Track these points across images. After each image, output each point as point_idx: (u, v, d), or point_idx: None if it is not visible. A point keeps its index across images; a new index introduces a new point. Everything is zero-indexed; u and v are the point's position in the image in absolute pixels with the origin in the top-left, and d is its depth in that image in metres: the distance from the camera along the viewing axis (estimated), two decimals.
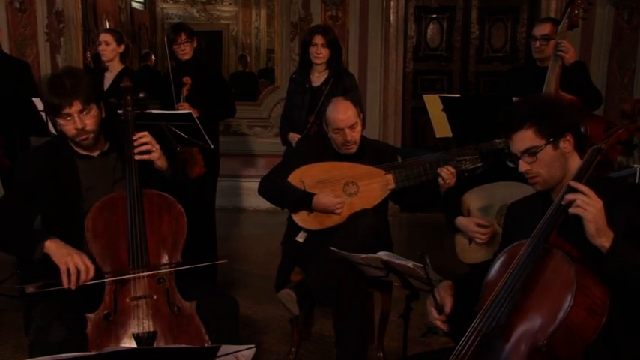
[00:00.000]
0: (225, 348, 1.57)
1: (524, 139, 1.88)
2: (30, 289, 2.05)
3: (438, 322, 1.97)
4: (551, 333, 1.62)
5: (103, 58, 4.30)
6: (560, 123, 1.87)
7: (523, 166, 1.90)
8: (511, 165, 1.96)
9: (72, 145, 2.33)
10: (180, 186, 2.43)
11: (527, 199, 2.07)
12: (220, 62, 8.56)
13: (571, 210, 1.72)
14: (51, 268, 2.09)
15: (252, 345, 1.63)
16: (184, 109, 3.80)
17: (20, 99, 3.71)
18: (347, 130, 2.89)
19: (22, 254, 2.20)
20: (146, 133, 2.30)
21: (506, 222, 2.12)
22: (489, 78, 6.16)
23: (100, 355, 1.49)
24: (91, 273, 2.07)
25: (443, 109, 3.47)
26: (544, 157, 1.86)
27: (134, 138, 2.28)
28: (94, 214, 2.20)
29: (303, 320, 3.15)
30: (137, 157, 2.26)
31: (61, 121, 2.24)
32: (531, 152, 1.87)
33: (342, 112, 2.89)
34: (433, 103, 3.53)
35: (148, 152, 2.28)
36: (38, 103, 3.65)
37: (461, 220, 2.70)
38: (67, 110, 2.20)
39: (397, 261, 2.28)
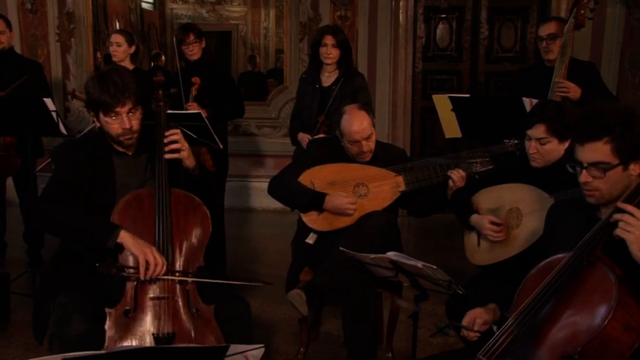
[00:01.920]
0: (234, 348, 1.58)
1: (598, 151, 1.77)
2: (114, 270, 2.09)
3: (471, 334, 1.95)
4: (586, 344, 1.59)
5: (114, 59, 4.33)
6: (639, 144, 1.76)
7: (585, 177, 1.80)
8: (570, 170, 1.88)
9: (110, 141, 2.34)
10: (206, 184, 2.45)
11: (570, 203, 2.02)
12: (229, 62, 8.58)
13: (615, 232, 1.68)
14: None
15: (262, 345, 1.64)
16: (193, 109, 3.82)
17: (32, 99, 3.75)
18: (363, 142, 2.90)
19: (95, 243, 2.14)
20: (177, 130, 2.32)
21: (547, 225, 2.09)
22: (499, 78, 6.14)
23: (109, 354, 1.50)
24: (164, 269, 2.10)
25: (452, 110, 3.47)
26: (611, 176, 1.77)
27: (166, 134, 2.30)
28: (121, 209, 2.20)
29: (312, 320, 3.16)
30: (167, 156, 2.28)
31: (107, 119, 2.25)
32: (601, 168, 1.77)
33: (357, 124, 2.89)
34: (442, 103, 3.53)
35: (178, 151, 2.30)
36: (49, 103, 3.68)
37: (475, 217, 2.70)
38: (117, 109, 2.22)
39: (406, 261, 2.28)
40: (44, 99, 3.67)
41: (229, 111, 4.18)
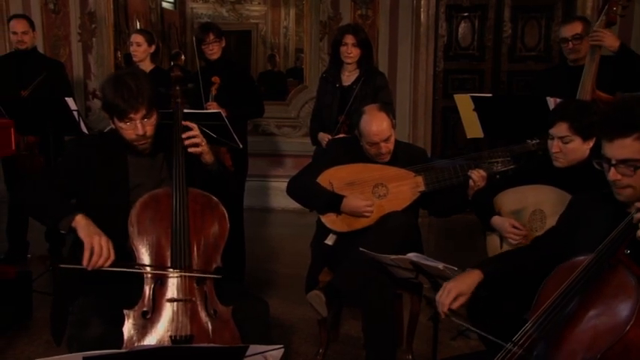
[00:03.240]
0: (253, 348, 1.58)
1: (627, 147, 1.72)
2: (57, 264, 2.11)
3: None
4: (607, 350, 1.56)
5: (135, 59, 4.37)
6: None
7: (613, 175, 1.76)
8: (597, 167, 1.84)
9: (126, 142, 2.34)
10: (224, 181, 2.46)
11: (595, 197, 1.97)
12: (249, 62, 8.60)
13: (638, 233, 1.65)
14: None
15: (281, 345, 1.64)
16: (213, 108, 3.84)
17: (54, 99, 3.80)
18: (382, 144, 2.90)
19: (48, 220, 2.20)
20: (195, 125, 2.32)
21: (568, 213, 2.06)
22: (522, 78, 6.08)
23: (130, 353, 1.52)
24: (109, 262, 2.09)
25: (474, 109, 3.45)
26: None
27: (184, 124, 2.30)
28: (138, 210, 2.21)
29: (332, 321, 3.16)
30: (190, 150, 2.29)
31: (121, 125, 2.25)
32: (631, 165, 1.72)
33: (376, 125, 2.88)
34: (464, 103, 3.51)
35: (197, 145, 2.31)
36: (71, 102, 3.73)
37: (496, 220, 2.67)
38: (131, 115, 2.22)
39: (427, 262, 2.27)
40: (66, 98, 3.72)
41: (249, 110, 4.19)
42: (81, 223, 2.11)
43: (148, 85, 2.26)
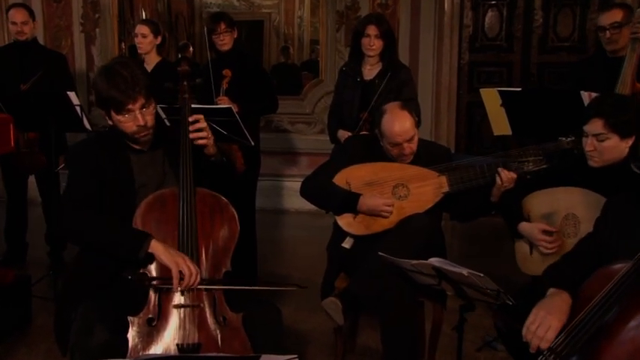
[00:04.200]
0: (266, 358, 1.59)
1: None
2: (146, 282, 2.14)
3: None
4: None
5: (140, 51, 4.40)
6: None
7: None
8: (636, 170, 1.85)
9: (124, 138, 2.36)
10: (227, 171, 2.48)
11: (632, 199, 1.96)
12: (261, 54, 8.61)
13: None
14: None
15: (295, 355, 1.65)
16: (224, 103, 3.85)
17: (55, 93, 3.83)
18: (404, 144, 2.89)
19: (125, 254, 2.17)
20: (201, 116, 2.34)
21: (605, 217, 2.04)
22: (554, 70, 6.04)
23: None
24: (199, 278, 2.12)
25: (502, 105, 3.44)
26: None
27: (190, 120, 2.32)
28: (143, 211, 2.23)
29: (348, 331, 3.16)
30: (198, 142, 2.31)
31: (120, 118, 2.26)
32: None
33: (399, 125, 2.87)
34: (491, 97, 3.50)
35: (203, 138, 2.33)
36: (73, 97, 3.76)
37: (524, 226, 2.65)
38: (129, 106, 2.23)
39: (451, 268, 2.27)
40: (68, 92, 3.75)
41: (262, 106, 4.20)
42: (159, 249, 2.14)
43: (142, 73, 2.28)
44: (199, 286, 2.15)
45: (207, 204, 2.29)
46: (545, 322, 1.87)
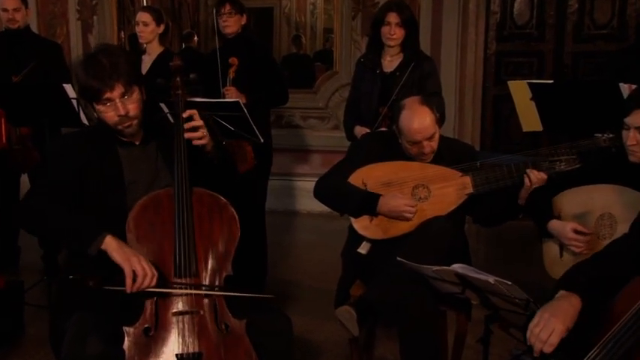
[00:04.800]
0: None
1: None
2: (90, 282, 2.13)
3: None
4: None
5: (141, 40, 4.41)
6: None
7: None
8: None
9: (113, 132, 2.38)
10: (228, 168, 2.49)
11: None
12: (271, 43, 8.63)
13: None
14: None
15: None
16: (231, 93, 3.87)
17: (50, 85, 3.85)
18: (424, 142, 2.89)
19: (74, 246, 2.20)
20: (194, 111, 2.36)
21: None
22: (590, 60, 6.00)
23: None
24: (155, 280, 2.12)
25: (531, 98, 3.43)
26: None
27: (184, 117, 2.33)
28: (136, 214, 2.24)
29: (364, 342, 3.16)
30: (195, 143, 2.32)
31: (100, 108, 2.30)
32: None
33: (418, 122, 2.87)
34: (520, 90, 3.49)
35: (199, 136, 2.34)
36: (69, 89, 3.78)
37: (555, 224, 2.63)
38: (107, 95, 2.25)
39: (476, 275, 2.26)
40: (63, 85, 3.77)
41: (271, 96, 4.21)
42: (112, 246, 2.13)
43: (125, 60, 2.29)
44: (149, 289, 2.13)
45: (204, 204, 2.30)
46: (548, 325, 1.89)
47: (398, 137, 2.99)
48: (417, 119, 2.87)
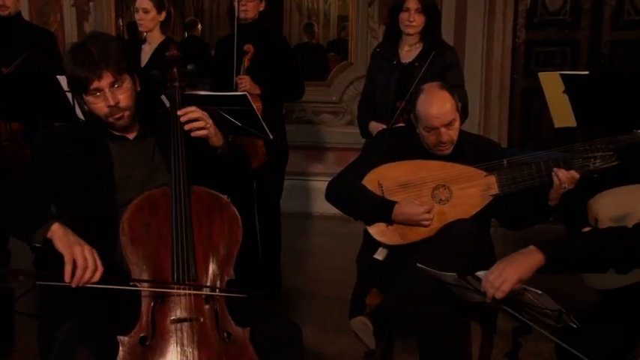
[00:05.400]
0: None
1: None
2: (20, 277, 2.14)
3: None
4: None
5: (141, 29, 4.43)
6: None
7: None
8: None
9: (105, 126, 2.40)
10: (240, 165, 2.50)
11: None
12: (281, 32, 8.64)
13: None
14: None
15: None
16: (245, 83, 3.88)
17: (43, 76, 3.87)
18: (442, 129, 2.88)
19: (18, 231, 2.22)
20: (194, 107, 2.36)
21: None
22: (630, 49, 5.96)
23: None
24: (98, 275, 2.10)
25: (564, 91, 3.41)
26: None
27: (179, 113, 2.34)
28: (130, 214, 2.25)
29: (381, 356, 3.16)
30: (194, 134, 2.33)
31: (90, 99, 2.32)
32: None
33: (436, 106, 2.87)
34: (552, 83, 3.47)
35: (201, 129, 2.34)
36: (64, 82, 3.79)
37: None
38: (95, 85, 2.28)
39: None
40: (57, 76, 3.78)
41: (286, 90, 4.23)
42: (58, 233, 2.13)
43: (116, 47, 2.31)
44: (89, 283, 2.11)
45: (204, 203, 2.31)
46: (502, 274, 2.11)
47: (415, 126, 2.98)
48: (436, 103, 2.87)
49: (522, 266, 2.11)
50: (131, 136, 2.45)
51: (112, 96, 2.30)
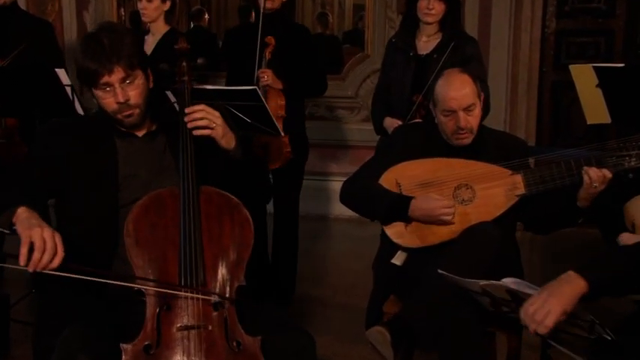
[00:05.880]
0: None
1: None
2: None
3: None
4: None
5: (144, 19, 4.44)
6: None
7: None
8: None
9: (112, 121, 2.41)
10: (254, 170, 2.50)
11: None
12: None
13: None
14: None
15: None
16: (267, 77, 3.89)
17: (40, 69, 3.88)
18: (461, 113, 2.88)
19: None
20: (202, 106, 2.36)
21: None
22: None
23: None
24: (57, 261, 2.06)
25: (598, 85, 3.40)
26: None
27: (186, 112, 2.35)
28: (136, 215, 2.26)
29: None
30: (196, 133, 2.33)
31: (98, 93, 2.33)
32: None
33: (455, 89, 2.88)
34: (584, 76, 3.46)
35: (206, 127, 2.34)
36: (63, 75, 3.81)
37: (627, 238, 2.61)
38: (105, 79, 2.29)
39: (530, 291, 2.25)
40: (56, 69, 3.80)
41: (308, 85, 4.25)
42: (21, 217, 2.12)
43: (130, 41, 2.32)
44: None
45: (213, 204, 2.31)
46: (545, 306, 2.01)
47: (434, 115, 2.98)
48: (455, 85, 2.89)
49: (565, 297, 2.02)
50: (140, 133, 2.45)
51: (122, 92, 2.31)
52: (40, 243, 2.04)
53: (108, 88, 2.31)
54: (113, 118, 2.39)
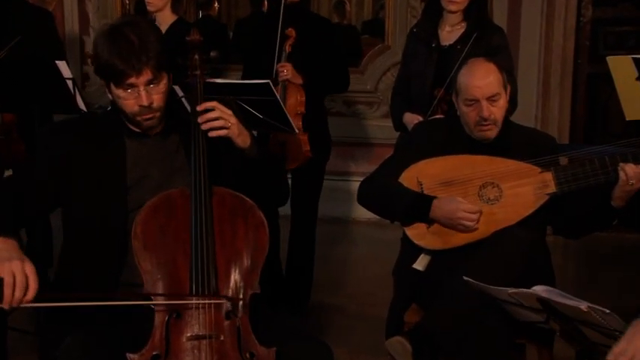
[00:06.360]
0: None
1: None
2: None
3: None
4: None
5: (150, 8, 4.46)
6: None
7: None
8: None
9: (123, 119, 2.41)
10: (270, 169, 2.51)
11: None
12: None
13: None
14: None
15: None
16: (287, 71, 3.90)
17: (40, 62, 3.90)
18: (484, 103, 2.88)
19: None
20: (214, 103, 2.36)
21: None
22: None
23: None
24: (31, 293, 2.04)
25: (638, 78, 3.38)
26: None
27: (198, 109, 2.35)
28: (144, 217, 2.26)
29: None
30: (212, 134, 2.33)
31: (120, 93, 2.32)
32: None
33: (479, 77, 2.89)
34: (623, 68, 3.45)
35: (222, 128, 2.34)
36: (63, 68, 3.83)
37: None
38: (132, 80, 2.28)
39: (563, 300, 2.24)
40: (57, 62, 3.82)
41: (331, 80, 4.26)
42: None
43: (156, 39, 2.32)
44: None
45: (226, 206, 2.32)
46: (638, 355, 1.94)
47: (456, 107, 2.98)
48: (479, 73, 2.90)
49: None
50: (152, 132, 2.45)
51: (146, 95, 2.30)
52: (9, 279, 2.02)
53: (130, 90, 2.30)
54: (128, 119, 2.39)
